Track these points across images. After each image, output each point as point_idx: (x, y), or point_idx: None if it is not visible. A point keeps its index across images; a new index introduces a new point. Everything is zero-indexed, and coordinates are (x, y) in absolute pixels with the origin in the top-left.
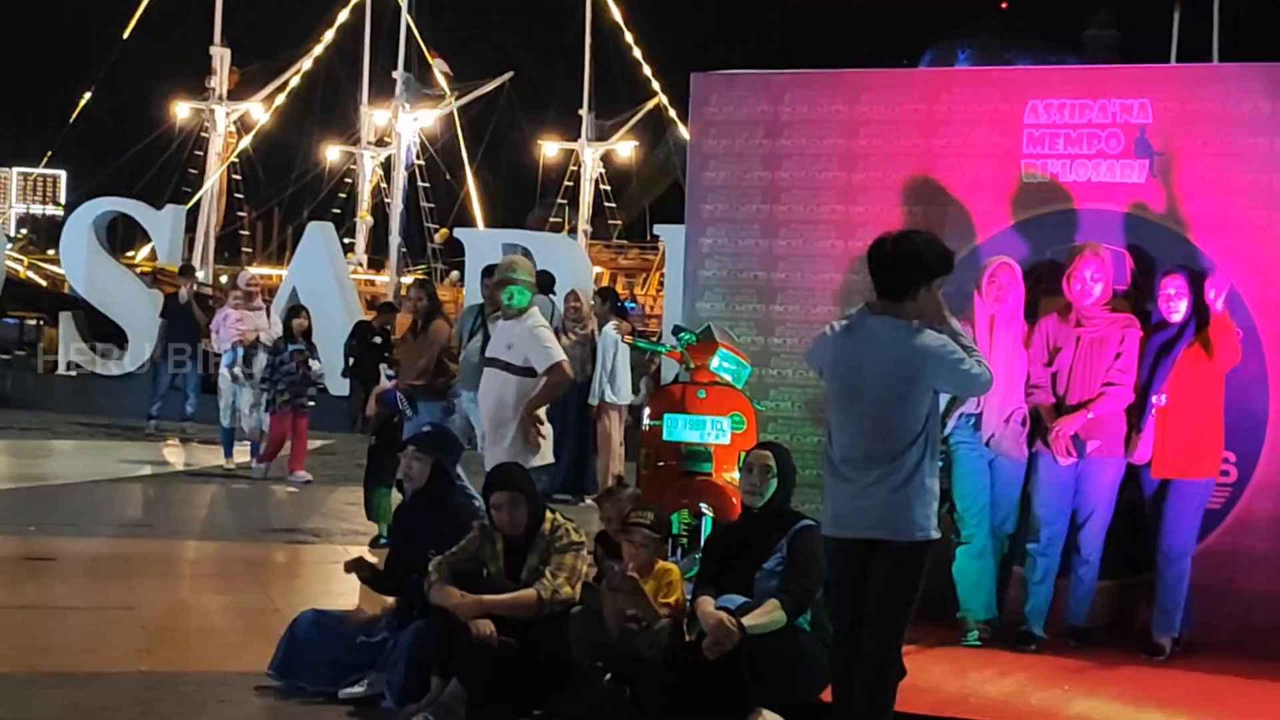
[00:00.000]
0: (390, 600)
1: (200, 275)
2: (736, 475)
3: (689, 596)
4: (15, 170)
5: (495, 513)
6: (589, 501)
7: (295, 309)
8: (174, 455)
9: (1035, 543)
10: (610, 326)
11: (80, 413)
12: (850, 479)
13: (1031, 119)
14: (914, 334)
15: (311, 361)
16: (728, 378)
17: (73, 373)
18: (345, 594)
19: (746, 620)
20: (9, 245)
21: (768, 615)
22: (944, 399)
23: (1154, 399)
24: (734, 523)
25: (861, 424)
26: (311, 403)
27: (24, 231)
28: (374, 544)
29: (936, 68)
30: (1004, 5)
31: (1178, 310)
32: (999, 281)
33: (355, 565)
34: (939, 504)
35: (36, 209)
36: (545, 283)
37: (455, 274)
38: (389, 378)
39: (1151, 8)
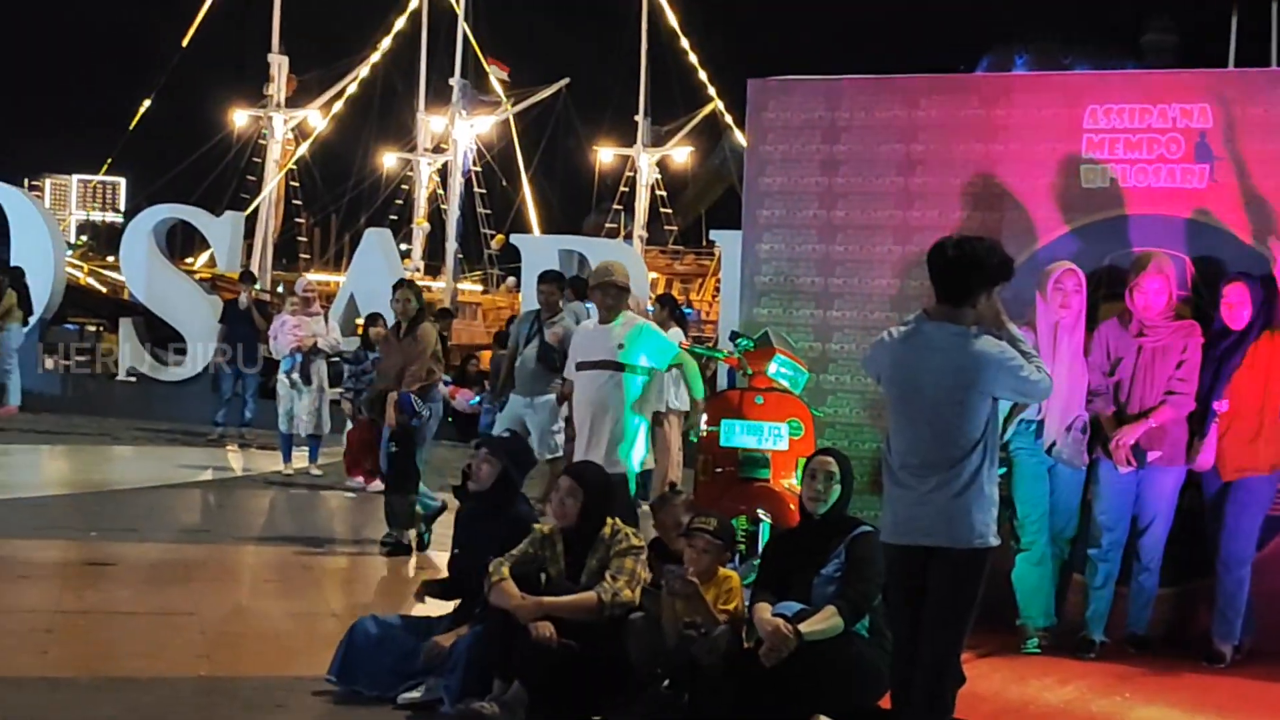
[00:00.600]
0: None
1: (258, 286)
2: (794, 481)
3: (747, 603)
4: (75, 178)
5: (553, 497)
6: (644, 508)
7: (373, 316)
8: (233, 460)
9: (1096, 549)
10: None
11: (140, 418)
12: (909, 485)
13: (1091, 124)
14: (972, 340)
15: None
16: (785, 383)
17: (132, 378)
18: (404, 598)
19: (803, 627)
20: (69, 252)
21: (825, 622)
22: (1004, 405)
23: (1216, 406)
24: (793, 529)
25: (920, 430)
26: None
27: (84, 238)
28: (385, 545)
29: (995, 72)
30: (1062, 9)
31: (1240, 318)
32: (1064, 287)
33: (423, 593)
34: (999, 510)
35: (96, 216)
36: (579, 288)
37: (511, 280)
38: (445, 383)
39: (1210, 12)
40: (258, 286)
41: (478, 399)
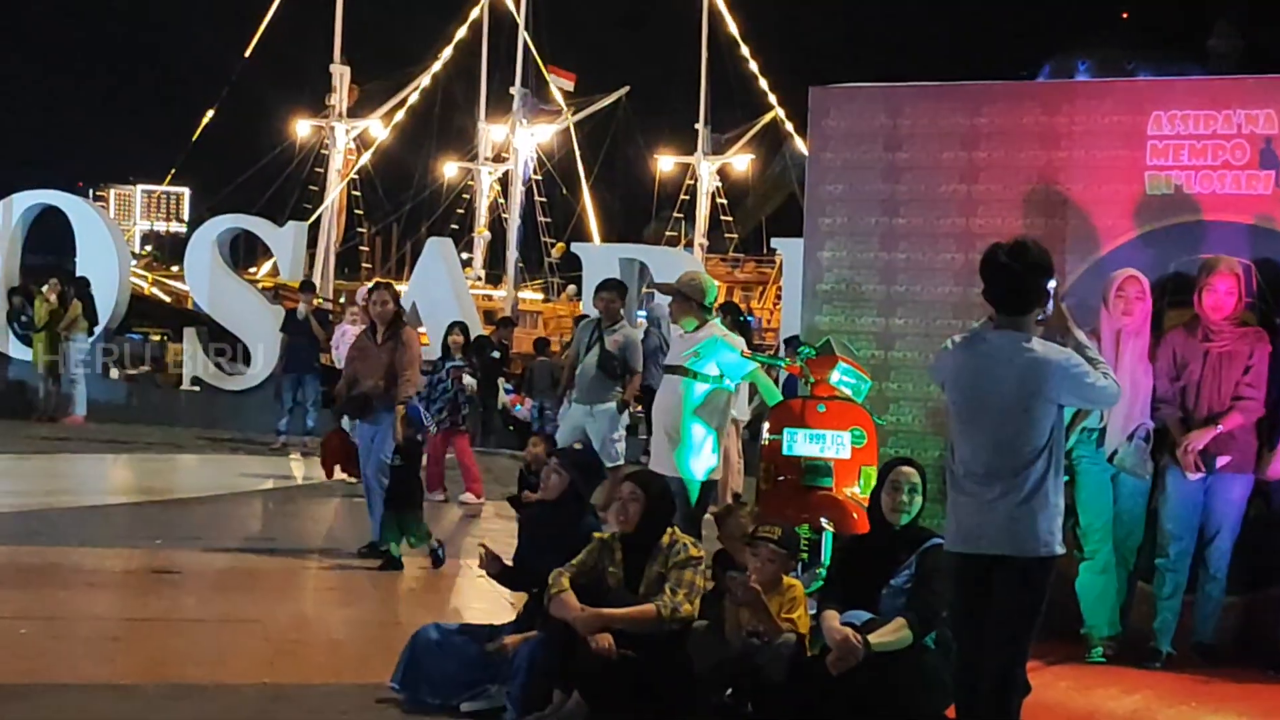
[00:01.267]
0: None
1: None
2: (857, 490)
3: (812, 612)
4: (140, 188)
5: (615, 503)
6: (707, 516)
7: (452, 326)
8: (296, 469)
9: (1164, 558)
10: None
11: (204, 427)
12: (973, 494)
13: (1155, 130)
14: (1037, 347)
15: (465, 377)
16: (848, 391)
17: (196, 387)
18: (466, 607)
19: (872, 638)
20: (134, 262)
21: (893, 634)
22: (1069, 412)
23: None
24: (862, 537)
25: (984, 438)
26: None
27: (148, 248)
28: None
29: (1057, 79)
30: (1124, 16)
31: None
32: (1127, 294)
33: (487, 561)
34: (1063, 518)
35: (160, 226)
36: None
37: (572, 288)
38: (508, 392)
39: (1275, 17)
40: (320, 299)
41: (536, 405)
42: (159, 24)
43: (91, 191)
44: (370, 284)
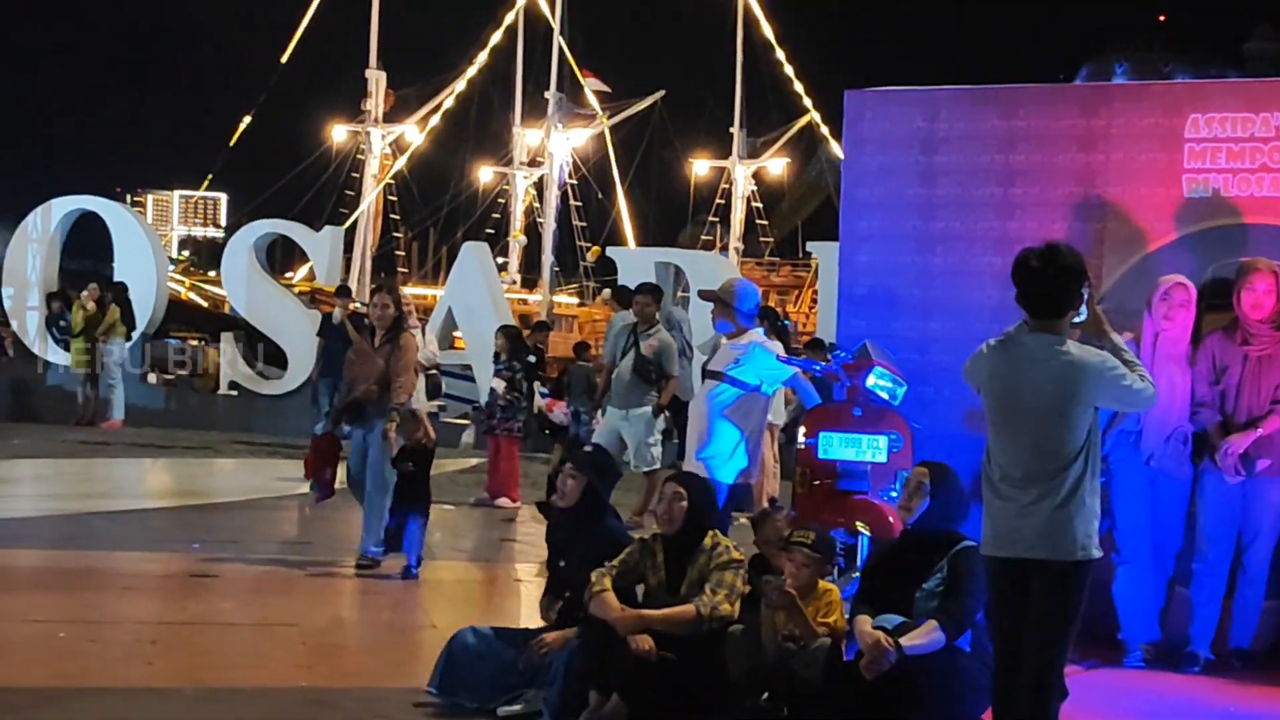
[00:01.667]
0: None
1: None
2: (894, 494)
3: (848, 616)
4: (177, 193)
5: (659, 504)
6: (743, 521)
7: (497, 330)
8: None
9: (1201, 563)
10: None
11: (241, 431)
12: (1009, 498)
13: (1193, 133)
14: (1072, 350)
15: (494, 381)
16: (884, 395)
17: (234, 392)
18: (503, 611)
19: (904, 640)
20: (171, 267)
21: (926, 636)
22: (1105, 414)
23: None
24: (894, 541)
25: (1020, 442)
26: (504, 428)
27: (186, 253)
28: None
29: (1094, 82)
30: (1161, 19)
31: None
32: (1173, 300)
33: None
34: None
35: (198, 231)
36: (626, 298)
37: (607, 292)
38: (543, 396)
39: None
40: (356, 303)
41: (572, 410)
42: (196, 31)
43: (129, 197)
44: (372, 286)
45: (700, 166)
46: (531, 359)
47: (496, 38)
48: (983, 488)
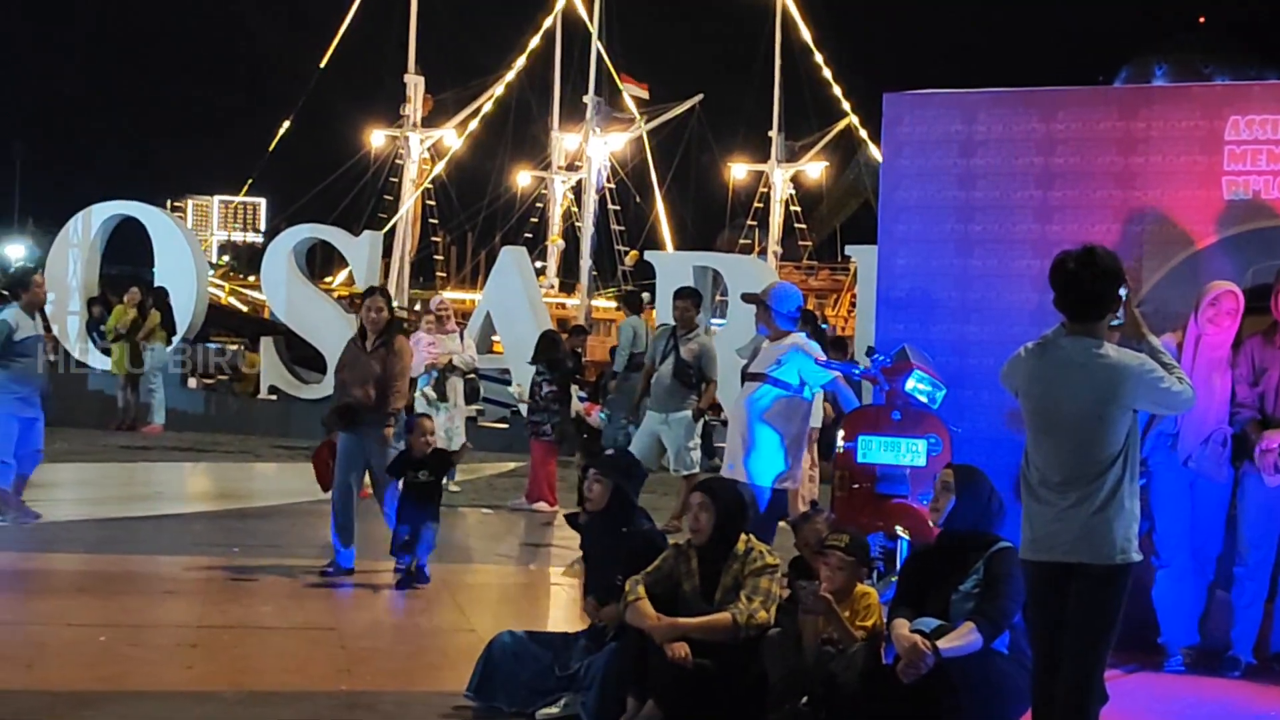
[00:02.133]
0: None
1: (395, 301)
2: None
3: (886, 620)
4: (217, 199)
5: (688, 512)
6: (784, 525)
7: (567, 332)
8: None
9: (1243, 566)
10: None
11: (281, 436)
12: (1048, 501)
13: (1232, 135)
14: (1110, 353)
15: (513, 386)
16: (923, 399)
17: (273, 396)
18: (541, 615)
19: (941, 643)
20: (211, 272)
21: (962, 638)
22: (1143, 417)
23: None
24: (931, 545)
25: (1059, 445)
26: (538, 432)
27: (225, 258)
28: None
29: (1133, 84)
30: (1200, 20)
31: None
32: (1221, 307)
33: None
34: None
35: (237, 236)
36: (634, 304)
37: (645, 296)
38: (580, 399)
39: None
40: (396, 304)
41: (605, 415)
42: (236, 38)
43: (169, 202)
44: (364, 289)
45: (738, 170)
46: (569, 363)
47: (535, 42)
48: (1021, 491)
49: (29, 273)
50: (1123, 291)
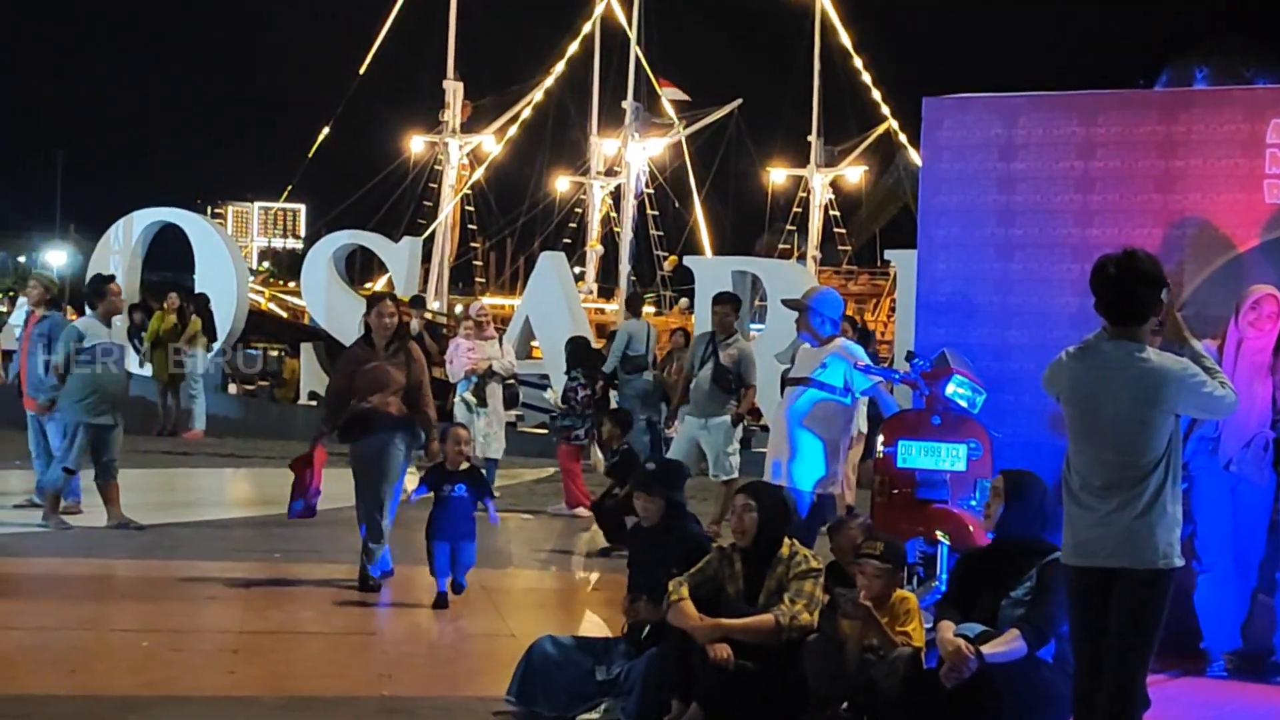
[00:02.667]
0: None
1: (435, 305)
2: (973, 502)
3: (928, 625)
4: (257, 205)
5: (731, 516)
6: (823, 531)
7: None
8: (410, 482)
9: None
10: None
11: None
12: (1090, 506)
13: (1274, 138)
14: (1152, 357)
15: (549, 393)
16: (963, 404)
17: (313, 401)
18: (580, 620)
19: (985, 649)
20: (251, 278)
21: (1007, 644)
22: (1185, 421)
23: None
24: (983, 549)
25: (1101, 450)
26: (570, 436)
27: (265, 264)
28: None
29: (1174, 88)
30: (1241, 23)
31: None
32: (1263, 311)
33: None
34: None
35: (277, 242)
36: (634, 306)
37: (684, 301)
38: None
39: None
40: (435, 307)
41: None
42: (275, 44)
43: (210, 209)
44: (370, 294)
45: (777, 175)
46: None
47: (573, 48)
48: (1063, 496)
49: (104, 281)
50: (1164, 295)
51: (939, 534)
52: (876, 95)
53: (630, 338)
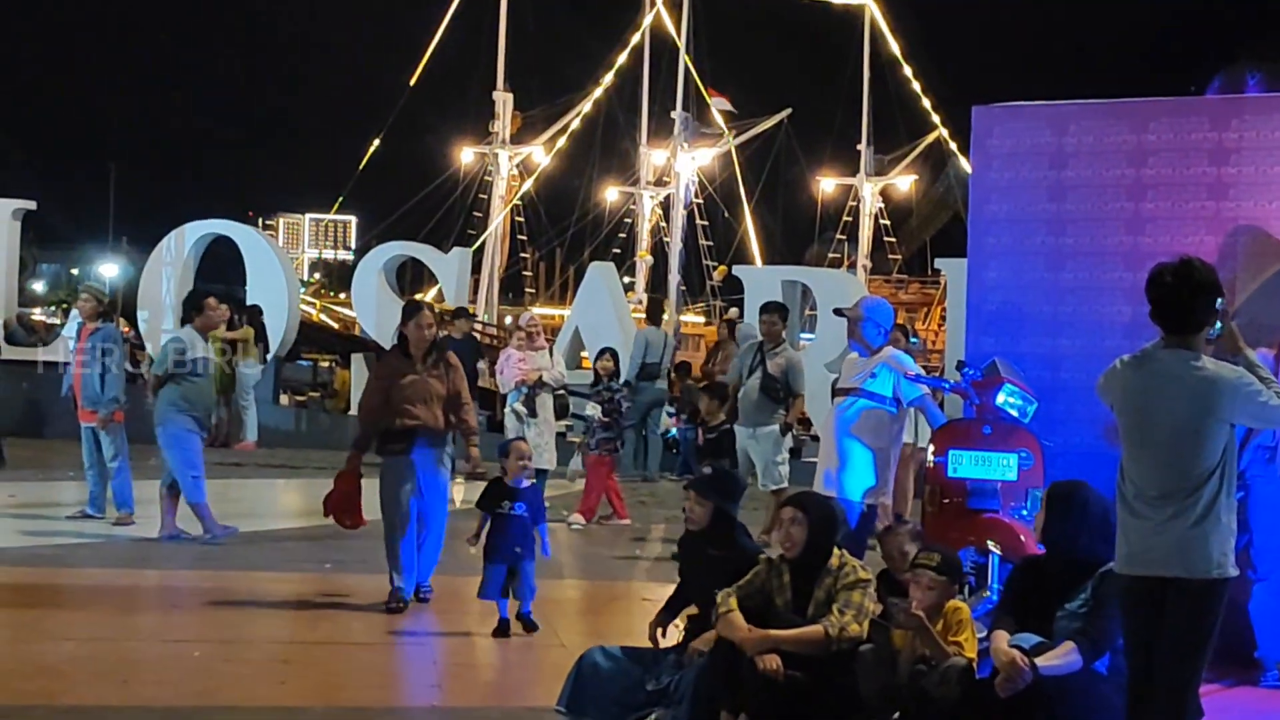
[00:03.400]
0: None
1: (484, 316)
2: (1024, 512)
3: (981, 635)
4: (308, 217)
5: (778, 527)
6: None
7: (602, 351)
8: (458, 493)
9: None
10: None
11: (372, 452)
12: (1144, 515)
13: None
14: (1208, 366)
15: (588, 407)
16: (1014, 413)
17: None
18: (630, 630)
19: (1040, 660)
20: (303, 289)
21: (1062, 656)
22: (1240, 430)
23: None
24: (1037, 560)
25: (1155, 459)
26: (597, 448)
27: (317, 276)
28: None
29: (1226, 95)
30: None
31: None
32: None
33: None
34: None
35: (328, 254)
36: (654, 314)
37: (734, 310)
38: (669, 415)
39: None
40: (483, 317)
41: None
42: (327, 57)
43: (261, 220)
44: (407, 303)
45: (827, 184)
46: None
47: (622, 59)
48: (1117, 505)
49: (202, 296)
50: (1219, 304)
51: (990, 544)
52: (926, 103)
53: (647, 345)
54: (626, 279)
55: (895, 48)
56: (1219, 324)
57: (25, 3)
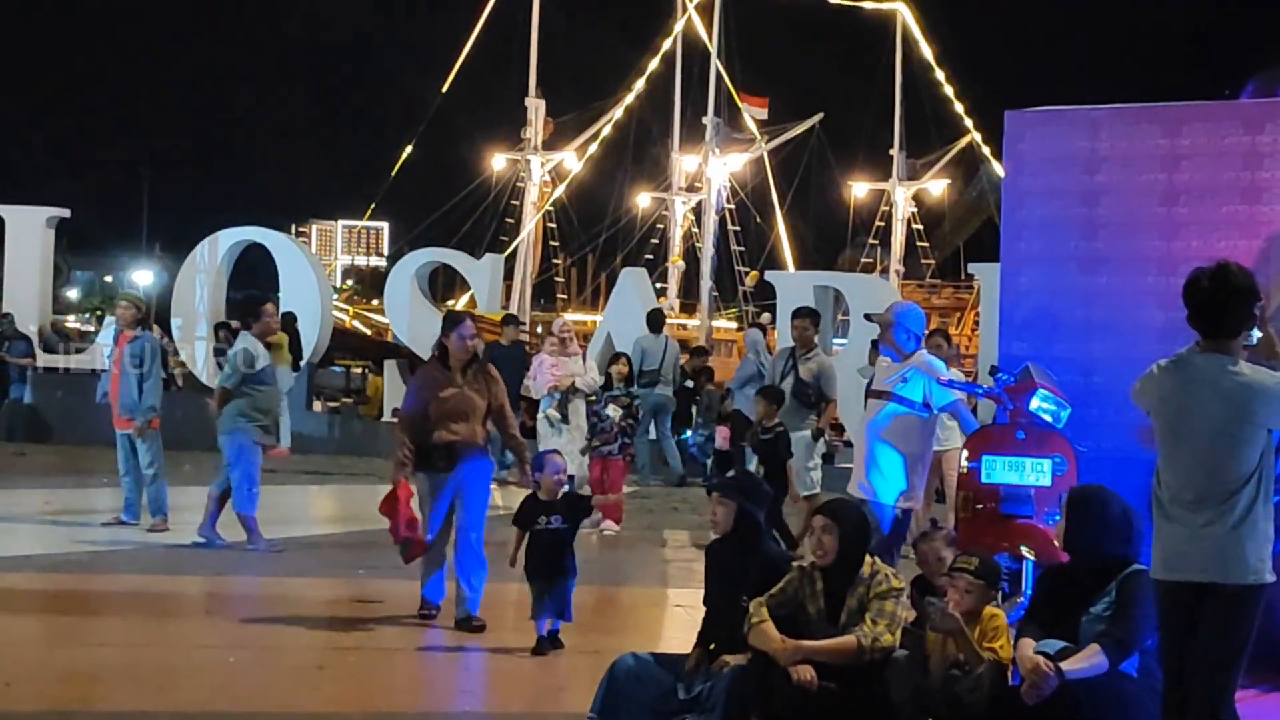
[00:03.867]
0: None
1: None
2: (1058, 517)
3: (1014, 640)
4: (340, 223)
5: (810, 535)
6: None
7: (616, 356)
8: (493, 498)
9: None
10: None
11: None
12: (1180, 520)
13: None
14: (1245, 371)
15: (609, 409)
16: (1047, 418)
17: (396, 419)
18: (663, 636)
19: (1065, 665)
20: (335, 296)
21: (1087, 660)
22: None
23: None
24: (1062, 565)
25: (1191, 464)
26: (609, 450)
27: (349, 282)
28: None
29: (1259, 99)
30: None
31: None
32: None
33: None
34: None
35: (361, 260)
36: (656, 322)
37: (766, 316)
38: (699, 424)
39: None
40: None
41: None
42: (358, 63)
43: (294, 227)
44: (447, 313)
45: (859, 189)
46: (690, 384)
47: (654, 64)
48: (1153, 510)
49: (259, 302)
50: (1257, 309)
51: (1024, 550)
52: (959, 108)
53: (644, 353)
54: (659, 284)
55: (928, 52)
56: (1256, 330)
57: (59, 11)
